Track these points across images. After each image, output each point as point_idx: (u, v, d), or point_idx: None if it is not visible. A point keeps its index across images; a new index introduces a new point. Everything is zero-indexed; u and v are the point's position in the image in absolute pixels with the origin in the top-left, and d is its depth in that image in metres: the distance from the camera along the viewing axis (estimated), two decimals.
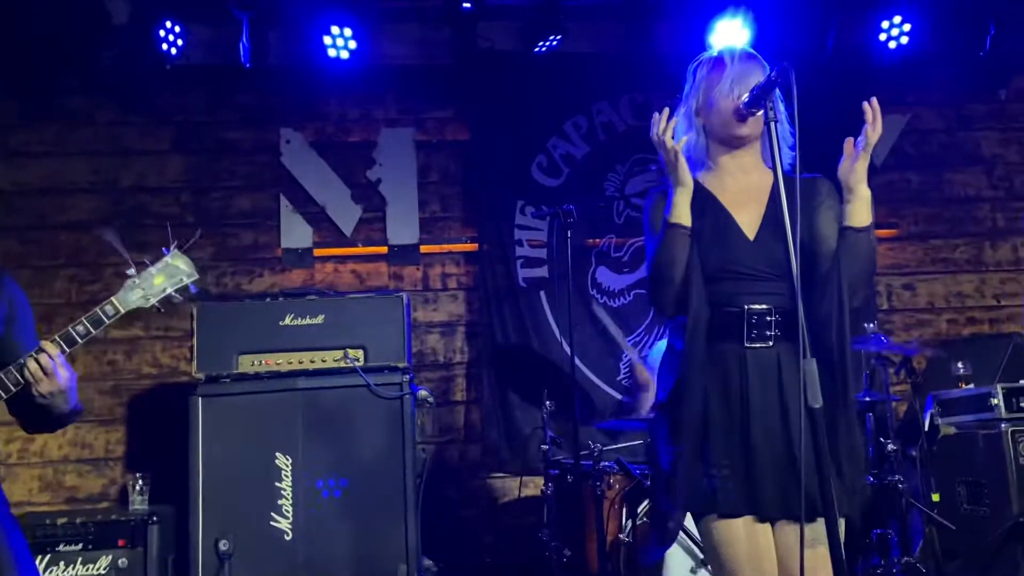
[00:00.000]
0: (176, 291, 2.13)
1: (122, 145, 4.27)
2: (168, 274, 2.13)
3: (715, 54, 2.00)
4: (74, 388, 2.10)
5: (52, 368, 2.00)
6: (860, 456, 1.84)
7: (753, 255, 1.86)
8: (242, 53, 3.95)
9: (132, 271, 2.11)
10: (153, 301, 2.11)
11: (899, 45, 4.27)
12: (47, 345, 2.02)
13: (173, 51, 3.95)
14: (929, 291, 4.62)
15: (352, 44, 4.05)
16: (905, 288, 4.62)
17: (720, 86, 1.93)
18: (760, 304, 1.83)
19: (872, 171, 4.81)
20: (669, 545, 1.85)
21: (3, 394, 2.02)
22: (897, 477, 3.43)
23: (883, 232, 4.60)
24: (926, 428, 3.69)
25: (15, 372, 2.02)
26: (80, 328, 2.05)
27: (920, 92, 4.66)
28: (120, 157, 4.26)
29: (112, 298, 2.09)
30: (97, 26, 3.91)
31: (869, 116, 1.79)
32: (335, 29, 4.02)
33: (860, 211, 1.85)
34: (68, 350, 2.05)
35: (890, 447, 3.45)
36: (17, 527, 2.07)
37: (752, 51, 2.00)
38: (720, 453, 1.80)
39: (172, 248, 2.15)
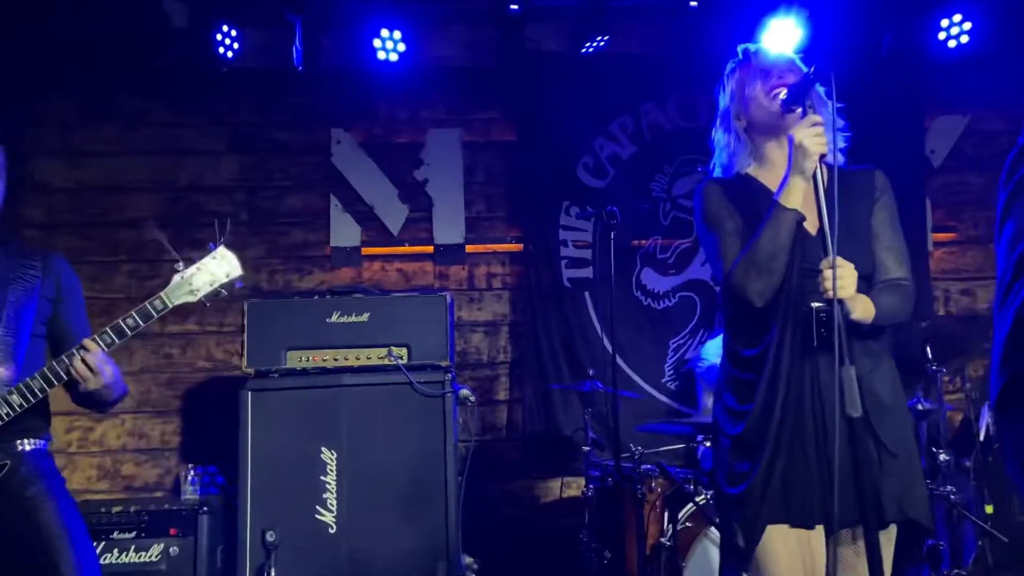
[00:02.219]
0: (222, 287, 2.19)
1: (179, 145, 4.39)
2: (214, 270, 2.18)
3: (740, 57, 2.00)
4: (118, 379, 2.19)
5: (98, 367, 2.09)
6: (903, 458, 1.79)
7: (816, 252, 1.78)
8: (295, 56, 4.03)
9: (180, 266, 2.17)
10: (200, 296, 2.17)
11: (959, 44, 4.14)
12: (89, 344, 2.10)
13: (229, 54, 4.05)
14: (988, 297, 4.47)
15: (401, 46, 4.10)
16: (963, 294, 4.49)
17: (755, 79, 1.92)
18: (824, 303, 1.74)
19: (931, 173, 4.72)
20: (747, 565, 1.78)
21: (47, 387, 2.11)
22: (950, 488, 3.34)
23: (941, 236, 4.48)
24: (980, 438, 3.58)
25: (60, 369, 2.10)
26: (130, 321, 2.14)
27: (981, 93, 4.50)
28: (177, 157, 4.39)
29: (161, 293, 2.16)
30: (157, 29, 4.04)
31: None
32: (385, 32, 4.08)
33: (856, 311, 1.76)
34: (118, 341, 2.13)
35: (943, 457, 3.36)
36: (74, 506, 2.16)
37: (777, 48, 2.00)
38: (798, 461, 1.75)
39: (219, 244, 2.20)
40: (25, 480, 2.10)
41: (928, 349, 3.43)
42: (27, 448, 2.14)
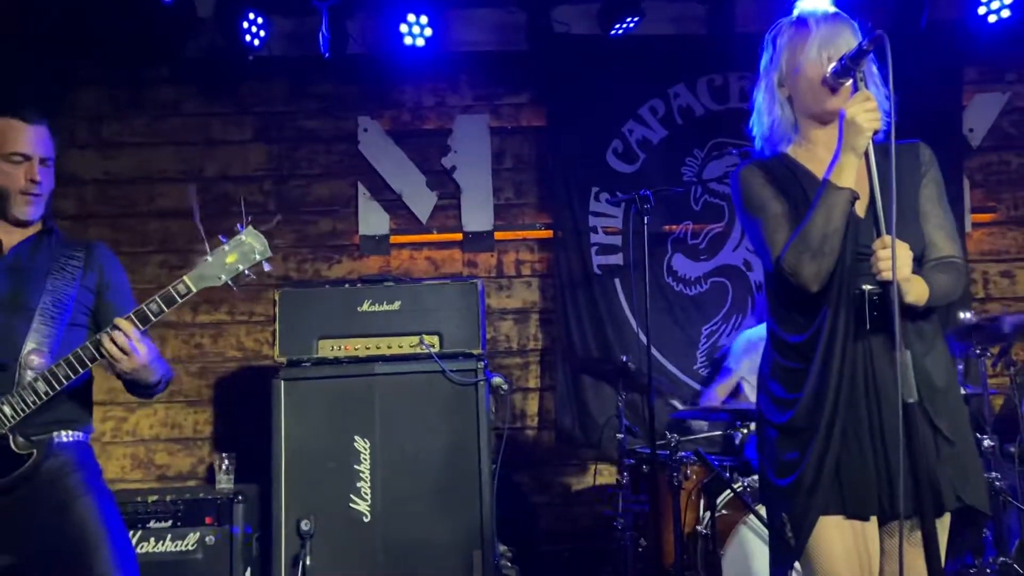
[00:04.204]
0: (248, 269, 2.07)
1: (208, 135, 4.39)
2: (241, 251, 2.06)
3: (796, 16, 1.84)
4: (157, 359, 2.08)
5: (129, 347, 1.99)
6: (959, 444, 1.74)
7: (866, 233, 1.72)
8: (321, 43, 4.00)
9: (207, 247, 2.06)
10: (225, 279, 2.06)
11: (999, 19, 4.03)
12: (121, 322, 1.99)
13: (256, 43, 4.04)
14: None
15: (428, 31, 4.06)
16: (1003, 275, 4.39)
17: (806, 51, 1.78)
18: (876, 285, 1.67)
19: (969, 152, 4.61)
20: (797, 558, 1.76)
21: (80, 369, 2.01)
22: (994, 474, 3.27)
23: (980, 217, 4.38)
24: None
25: (92, 348, 2.01)
26: (153, 306, 2.04)
27: (1021, 69, 4.40)
28: (206, 147, 4.39)
29: (184, 276, 2.05)
30: (184, 19, 4.03)
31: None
32: (411, 17, 4.04)
33: (910, 293, 1.69)
34: (143, 328, 2.03)
35: (987, 443, 3.29)
36: (110, 499, 2.11)
37: (838, 11, 1.84)
38: (852, 449, 1.70)
39: (246, 225, 2.08)
40: (60, 472, 2.06)
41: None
42: (63, 439, 2.10)
